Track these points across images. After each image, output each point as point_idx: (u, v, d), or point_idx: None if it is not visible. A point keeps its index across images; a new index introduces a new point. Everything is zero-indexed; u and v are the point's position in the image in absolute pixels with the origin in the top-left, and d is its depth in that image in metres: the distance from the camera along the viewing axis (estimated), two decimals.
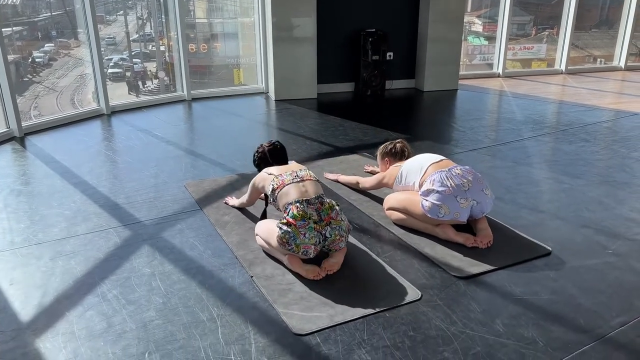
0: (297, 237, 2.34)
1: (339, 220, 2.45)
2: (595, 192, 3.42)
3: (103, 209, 3.15)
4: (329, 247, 2.44)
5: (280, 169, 2.64)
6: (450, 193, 2.66)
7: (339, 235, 2.42)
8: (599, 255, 2.64)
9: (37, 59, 8.26)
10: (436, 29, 6.32)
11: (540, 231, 2.89)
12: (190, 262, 2.56)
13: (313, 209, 2.40)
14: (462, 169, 2.79)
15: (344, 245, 2.49)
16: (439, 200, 2.67)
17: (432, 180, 2.74)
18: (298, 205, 2.39)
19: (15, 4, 7.26)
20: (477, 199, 2.71)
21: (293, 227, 2.35)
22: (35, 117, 6.99)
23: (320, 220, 2.40)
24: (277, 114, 5.50)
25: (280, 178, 2.55)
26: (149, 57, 9.65)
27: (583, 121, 5.12)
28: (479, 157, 4.10)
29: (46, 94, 8.13)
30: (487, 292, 2.33)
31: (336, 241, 2.42)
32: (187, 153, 4.19)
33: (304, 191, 2.47)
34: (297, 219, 2.35)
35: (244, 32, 7.00)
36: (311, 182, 2.54)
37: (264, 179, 2.67)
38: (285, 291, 2.31)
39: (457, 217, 2.68)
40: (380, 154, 3.33)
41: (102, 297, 2.27)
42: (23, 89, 8.27)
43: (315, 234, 2.36)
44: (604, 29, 9.52)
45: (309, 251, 2.37)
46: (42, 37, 8.27)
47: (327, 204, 2.46)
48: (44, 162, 3.94)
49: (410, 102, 6.16)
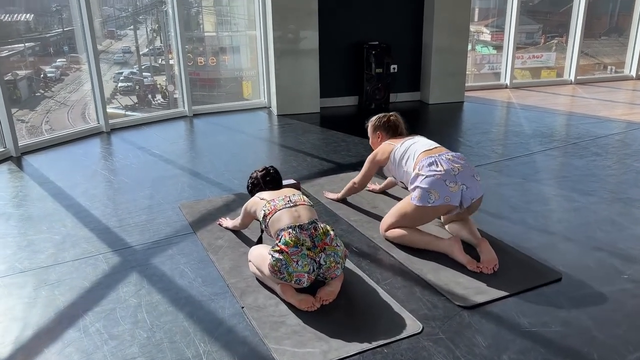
0: (290, 265, 2.21)
1: (334, 246, 2.32)
2: (608, 211, 3.25)
3: (93, 233, 3.04)
4: (324, 275, 2.30)
5: (272, 194, 2.52)
6: (439, 177, 2.60)
7: (335, 262, 2.29)
8: (613, 282, 2.48)
9: (49, 74, 8.26)
10: (441, 40, 6.20)
11: (550, 254, 2.73)
12: (179, 292, 2.43)
13: (306, 234, 2.28)
14: (453, 155, 2.73)
15: (340, 273, 2.36)
16: (427, 185, 2.60)
17: (421, 165, 2.69)
18: (290, 232, 2.27)
19: (29, 20, 7.29)
20: (466, 184, 2.62)
21: (285, 254, 2.22)
22: (46, 132, 6.95)
23: (314, 247, 2.27)
24: (278, 130, 5.40)
25: (272, 203, 2.43)
26: (158, 71, 9.64)
27: (594, 134, 4.95)
28: (486, 173, 3.95)
29: (57, 109, 8.12)
30: (493, 324, 2.18)
31: (332, 268, 2.29)
32: (185, 172, 4.08)
33: (297, 216, 2.35)
34: (290, 245, 2.23)
35: (252, 45, 6.93)
36: (304, 207, 2.41)
37: (256, 203, 2.57)
38: (278, 324, 2.18)
39: (447, 201, 2.59)
40: (372, 126, 3.19)
41: (84, 331, 2.15)
42: (35, 103, 8.27)
43: (309, 261, 2.23)
44: (614, 37, 9.35)
45: (302, 279, 2.24)
46: (54, 52, 8.28)
47: (321, 229, 2.33)
48: (38, 183, 3.85)
49: (415, 116, 6.02)
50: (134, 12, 9.23)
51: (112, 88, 9.94)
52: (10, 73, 7.06)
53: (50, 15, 7.68)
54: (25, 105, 7.90)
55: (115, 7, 9.04)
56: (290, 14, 5.64)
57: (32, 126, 8.13)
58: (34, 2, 7.51)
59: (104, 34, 9.51)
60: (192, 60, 7.93)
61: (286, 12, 5.62)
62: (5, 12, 6.87)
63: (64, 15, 6.90)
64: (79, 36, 5.07)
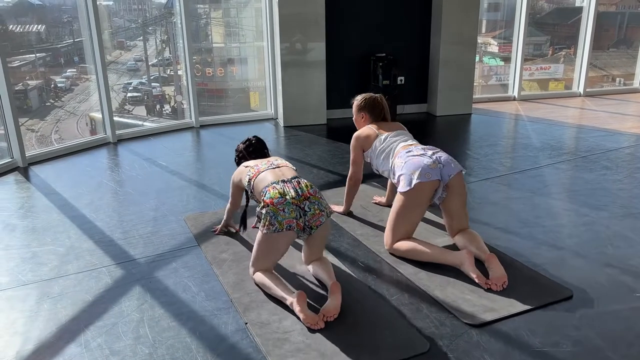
0: (278, 215, 2.33)
1: (318, 197, 2.44)
2: (619, 226, 3.19)
3: (98, 245, 3.02)
4: (309, 223, 2.39)
5: (256, 161, 2.69)
6: (415, 159, 2.74)
7: (319, 209, 2.40)
8: (626, 300, 2.42)
9: (59, 84, 8.33)
10: (448, 52, 6.18)
11: (561, 270, 2.68)
12: (182, 306, 2.40)
13: (290, 186, 2.41)
14: (427, 146, 2.89)
15: (325, 221, 2.44)
16: (407, 168, 2.73)
17: (399, 156, 2.84)
18: (275, 186, 2.41)
19: (40, 30, 7.37)
20: (443, 163, 2.73)
21: (271, 206, 2.34)
22: (56, 141, 6.98)
23: (298, 196, 2.38)
24: (285, 141, 5.38)
25: (255, 168, 2.60)
26: (167, 81, 9.70)
27: (604, 147, 4.89)
28: (494, 187, 3.91)
29: (67, 118, 8.18)
30: (502, 343, 2.13)
31: (316, 215, 2.39)
32: (190, 183, 4.06)
33: (280, 174, 2.51)
34: (275, 197, 2.36)
35: (260, 56, 6.95)
36: (288, 168, 2.59)
37: (241, 172, 2.73)
38: (281, 341, 2.13)
39: (428, 177, 2.67)
40: (357, 105, 3.25)
41: (85, 347, 2.12)
42: (45, 113, 8.33)
43: (294, 207, 2.35)
44: (623, 49, 9.31)
45: (292, 225, 2.35)
46: (65, 62, 8.36)
47: (304, 182, 2.47)
48: (44, 194, 3.85)
49: (422, 128, 5.99)
50: (143, 23, 9.31)
51: (121, 98, 9.99)
52: (22, 83, 7.12)
53: (62, 26, 7.76)
54: (35, 115, 7.96)
55: (125, 18, 9.11)
56: (297, 25, 5.65)
57: (42, 135, 8.19)
58: (46, 13, 7.59)
59: (114, 44, 9.57)
60: (200, 71, 7.96)
61: (293, 23, 5.63)
62: (18, 23, 6.95)
63: (75, 26, 6.96)
64: (87, 47, 5.09)
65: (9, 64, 6.13)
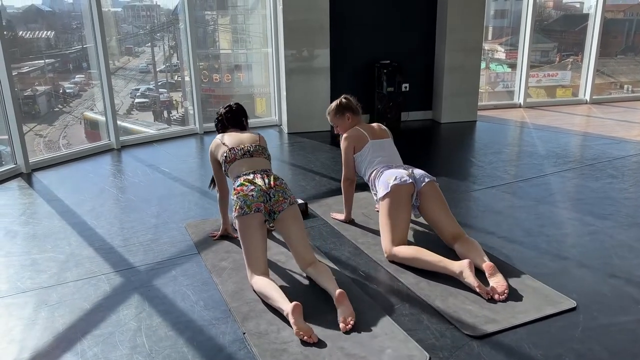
0: (247, 199, 2.53)
1: (283, 187, 2.64)
2: (624, 236, 3.14)
3: (97, 252, 3.01)
4: (272, 207, 2.57)
5: (233, 141, 2.84)
6: (386, 167, 3.01)
7: (282, 197, 2.59)
8: (630, 311, 2.37)
9: (67, 89, 8.38)
10: (453, 58, 6.16)
11: (564, 281, 2.63)
12: (180, 315, 2.38)
13: (259, 177, 2.63)
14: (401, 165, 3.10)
15: (287, 207, 2.59)
16: (382, 176, 2.94)
17: (380, 173, 3.00)
18: (245, 176, 2.65)
19: (49, 37, 7.43)
20: (415, 175, 2.92)
21: (241, 193, 2.55)
22: (63, 147, 6.99)
23: (265, 184, 2.60)
24: (289, 148, 5.37)
25: (232, 152, 2.78)
26: (174, 87, 9.74)
27: (610, 155, 4.84)
28: (498, 195, 3.87)
29: (75, 124, 8.22)
30: (503, 355, 2.09)
31: (279, 202, 2.58)
32: (193, 190, 4.06)
33: (252, 164, 2.73)
34: (244, 185, 2.58)
35: (266, 62, 6.96)
36: (260, 159, 2.79)
37: (218, 145, 2.89)
38: (279, 352, 2.11)
39: (403, 181, 2.84)
40: (334, 112, 3.29)
41: (82, 356, 2.10)
42: (53, 119, 8.38)
43: (261, 193, 2.56)
44: (630, 55, 9.25)
45: (260, 207, 2.54)
46: (73, 68, 8.41)
47: (272, 176, 2.67)
48: (46, 200, 3.85)
49: (426, 135, 5.96)
50: (151, 29, 9.36)
51: (128, 104, 10.04)
52: (30, 88, 7.17)
53: (71, 32, 7.81)
54: (44, 121, 8.01)
55: (133, 25, 9.17)
56: (302, 32, 5.65)
57: (50, 141, 8.23)
58: (56, 19, 7.65)
59: (122, 51, 9.62)
60: (207, 77, 7.98)
61: (298, 30, 5.63)
62: (27, 29, 7.00)
63: (84, 32, 7.02)
64: (92, 53, 5.11)
65: (18, 69, 6.17)
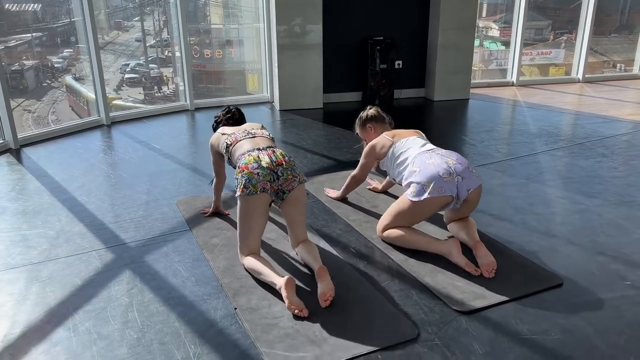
0: (252, 178, 2.41)
1: (291, 164, 2.52)
2: (612, 214, 3.18)
3: (88, 228, 3.00)
4: (281, 186, 2.46)
5: (233, 128, 2.77)
6: (432, 170, 2.59)
7: (292, 175, 2.47)
8: (616, 288, 2.41)
9: (55, 64, 8.23)
10: (447, 36, 6.11)
11: (552, 258, 2.67)
12: (171, 291, 2.39)
13: (265, 154, 2.50)
14: (446, 151, 2.73)
15: (297, 186, 2.49)
16: (421, 177, 2.60)
17: (414, 162, 2.71)
18: (250, 153, 2.51)
19: (36, 10, 7.26)
20: (461, 175, 2.59)
21: (247, 170, 2.42)
22: (52, 122, 6.90)
23: (271, 162, 2.46)
24: (280, 125, 5.34)
25: (233, 136, 2.68)
26: (165, 63, 9.58)
27: (601, 134, 4.87)
28: (489, 173, 3.89)
29: (64, 99, 8.09)
30: (491, 330, 2.12)
31: (289, 180, 2.46)
32: (183, 167, 4.04)
33: (256, 143, 2.60)
34: (250, 162, 2.45)
35: (258, 38, 6.87)
36: (263, 138, 2.67)
37: (218, 137, 2.79)
38: (270, 326, 2.13)
39: (441, 192, 2.56)
40: (360, 124, 3.24)
41: (73, 331, 2.11)
42: (42, 94, 8.24)
43: (268, 172, 2.42)
44: (624, 34, 9.22)
45: (266, 187, 2.42)
46: (61, 43, 8.25)
47: (278, 151, 2.54)
48: (36, 177, 3.82)
49: (419, 112, 5.95)
50: (140, 3, 9.18)
51: (118, 79, 9.88)
52: (18, 63, 7.03)
53: (58, 5, 7.65)
54: (32, 96, 7.88)
55: None
56: (294, 7, 5.57)
57: (39, 116, 8.11)
58: None
59: (111, 25, 9.44)
60: (198, 53, 7.86)
61: (290, 5, 5.55)
62: (13, 2, 6.83)
63: (72, 5, 6.88)
64: (80, 27, 5.01)
65: (5, 43, 6.04)
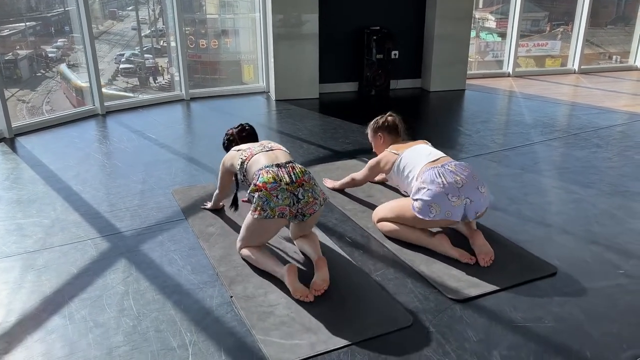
0: (271, 200, 2.27)
1: (312, 184, 2.38)
2: (606, 204, 3.20)
3: (83, 217, 3.00)
4: (302, 210, 2.34)
5: (248, 145, 2.63)
6: (441, 191, 2.49)
7: (313, 197, 2.35)
8: (609, 277, 2.43)
9: (50, 54, 8.16)
10: (443, 26, 6.09)
11: (546, 247, 2.69)
12: (167, 279, 2.39)
13: (284, 172, 2.34)
14: (456, 165, 2.62)
15: (318, 209, 2.40)
16: (429, 197, 2.50)
17: (424, 177, 2.58)
18: (269, 169, 2.34)
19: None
20: (470, 197, 2.52)
21: (264, 191, 2.28)
22: (47, 112, 6.86)
23: (292, 182, 2.31)
24: (276, 115, 5.33)
25: (248, 151, 2.53)
26: (160, 53, 9.51)
27: (596, 124, 4.88)
28: (485, 164, 3.89)
29: (59, 89, 8.03)
30: (485, 318, 2.14)
31: (310, 203, 2.34)
32: (179, 156, 4.02)
33: (274, 157, 2.44)
34: (268, 182, 2.29)
35: (254, 27, 6.83)
36: (281, 152, 2.51)
37: (232, 156, 2.63)
38: (266, 314, 2.14)
39: (448, 216, 2.49)
40: (372, 129, 3.15)
41: (69, 319, 2.12)
42: (36, 84, 8.17)
43: (288, 194, 2.29)
44: (620, 26, 9.22)
45: (285, 213, 2.30)
46: (55, 32, 8.17)
47: (298, 168, 2.39)
48: (30, 166, 3.80)
49: (415, 103, 5.95)
50: None
51: (113, 70, 9.81)
52: (11, 53, 6.96)
53: None
54: (26, 86, 7.81)
55: None
56: None
57: (33, 106, 8.05)
58: None
59: (105, 14, 9.35)
60: (194, 43, 7.80)
61: None
62: None
63: None
64: (74, 16, 4.97)
65: None
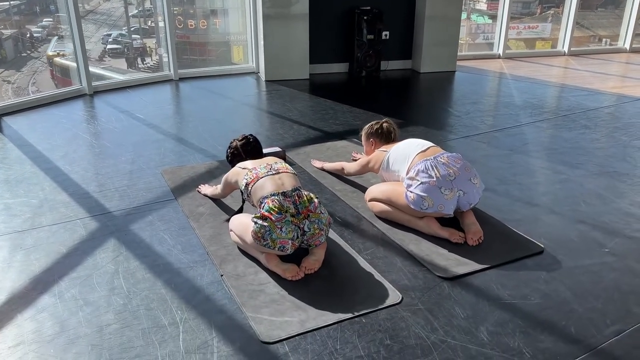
0: (273, 232, 2.17)
1: (318, 213, 2.28)
2: (593, 184, 3.24)
3: (72, 197, 2.98)
4: (307, 242, 2.27)
5: (254, 163, 2.48)
6: (434, 184, 2.50)
7: (319, 229, 2.26)
8: (595, 255, 2.47)
9: (35, 34, 7.99)
10: (434, 7, 6.06)
11: (534, 227, 2.72)
12: (157, 258, 2.39)
13: (290, 201, 2.23)
14: (448, 157, 2.61)
15: (324, 240, 2.33)
16: (422, 192, 2.51)
17: (416, 170, 2.57)
18: (274, 199, 2.22)
19: None
20: (463, 189, 2.54)
21: (269, 220, 2.18)
22: (33, 93, 6.76)
23: (297, 214, 2.23)
24: (266, 96, 5.29)
25: (254, 172, 2.39)
26: (148, 33, 9.36)
27: (584, 106, 4.91)
28: (474, 145, 3.91)
29: (44, 70, 7.90)
30: (472, 295, 2.17)
31: (315, 235, 2.25)
32: (168, 137, 4.00)
33: (280, 184, 2.31)
34: (273, 212, 2.19)
35: (244, 7, 6.74)
36: (287, 175, 2.38)
37: (237, 173, 2.51)
38: (256, 292, 2.15)
39: (441, 209, 2.52)
40: (365, 134, 3.12)
41: (59, 297, 2.12)
42: (21, 64, 8.03)
43: (292, 227, 2.20)
44: (611, 9, 9.23)
45: (286, 247, 2.20)
46: (40, 11, 8.00)
47: (305, 196, 2.29)
48: (17, 146, 3.76)
49: (405, 84, 5.93)
50: None
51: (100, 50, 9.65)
52: None
53: None
54: (11, 66, 7.68)
55: None
56: None
57: (19, 87, 7.92)
58: None
59: None
60: (182, 23, 7.69)
61: None
62: None
63: None
64: None
65: None
